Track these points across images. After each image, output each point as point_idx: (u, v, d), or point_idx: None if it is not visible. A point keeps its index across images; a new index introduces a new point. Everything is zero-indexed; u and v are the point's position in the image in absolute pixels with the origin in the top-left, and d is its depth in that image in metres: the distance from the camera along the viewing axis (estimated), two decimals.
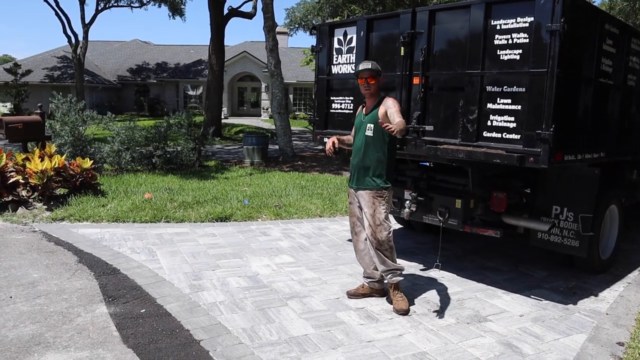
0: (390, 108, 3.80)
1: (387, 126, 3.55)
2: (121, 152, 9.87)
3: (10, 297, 4.00)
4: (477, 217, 4.85)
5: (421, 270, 5.04)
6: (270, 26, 12.79)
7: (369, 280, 4.24)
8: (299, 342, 3.39)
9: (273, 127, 26.98)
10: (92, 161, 7.60)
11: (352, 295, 4.23)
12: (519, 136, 3.92)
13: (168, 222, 6.64)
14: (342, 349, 3.32)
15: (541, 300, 4.29)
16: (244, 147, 13.06)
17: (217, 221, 6.82)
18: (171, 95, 35.19)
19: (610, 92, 4.65)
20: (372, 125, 3.87)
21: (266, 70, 34.65)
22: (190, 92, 36.20)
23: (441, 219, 4.69)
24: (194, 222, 6.72)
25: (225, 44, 18.63)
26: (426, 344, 3.42)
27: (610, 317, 3.97)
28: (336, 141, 4.11)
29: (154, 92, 35.23)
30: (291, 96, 37.49)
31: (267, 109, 34.92)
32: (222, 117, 23.05)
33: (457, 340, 3.49)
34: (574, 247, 4.61)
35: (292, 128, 16.03)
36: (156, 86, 35.63)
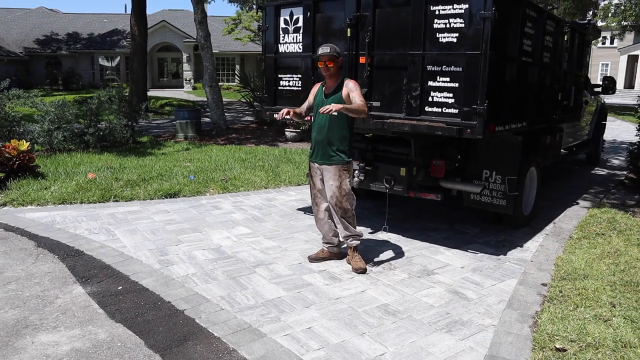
0: (352, 91, 4.16)
1: (327, 109, 3.93)
2: (52, 132, 9.52)
3: None
4: (418, 183, 5.38)
5: (370, 233, 5.53)
6: None
7: (329, 245, 4.66)
8: (275, 304, 3.75)
9: (198, 99, 26.56)
10: (28, 143, 7.35)
11: (314, 259, 4.63)
12: (457, 110, 4.43)
13: (117, 201, 6.66)
14: (315, 306, 3.72)
15: (477, 254, 4.92)
16: (177, 121, 12.91)
17: (167, 198, 6.93)
18: (86, 68, 33.28)
19: (530, 69, 5.28)
20: None
21: (187, 40, 33.82)
22: (106, 64, 34.41)
23: (387, 186, 5.16)
24: (144, 199, 6.79)
25: (149, 12, 17.89)
26: (386, 297, 3.90)
27: (534, 263, 4.66)
28: (291, 112, 4.42)
29: (67, 65, 33.12)
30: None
31: (189, 80, 34.04)
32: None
33: (412, 292, 4.01)
34: (502, 206, 5.28)
35: None
36: (69, 58, 33.48)
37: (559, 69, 6.15)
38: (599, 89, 9.24)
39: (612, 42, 40.44)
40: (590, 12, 25.06)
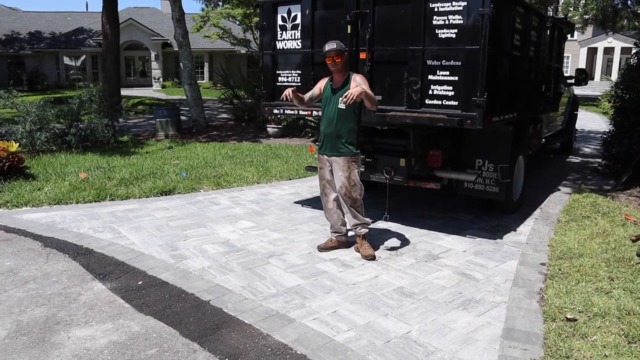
0: (360, 85, 4.34)
1: (348, 96, 4.13)
2: (34, 133, 9.36)
3: None
4: (415, 173, 5.60)
5: (371, 222, 5.72)
6: None
7: (337, 234, 4.83)
8: (296, 292, 3.91)
9: (169, 97, 26.27)
10: (17, 144, 7.26)
11: (323, 248, 4.80)
12: (457, 102, 4.66)
13: (113, 200, 6.67)
14: (335, 292, 3.90)
15: (475, 238, 5.19)
16: (157, 120, 12.83)
17: (162, 195, 6.96)
18: (51, 67, 32.44)
19: (520, 62, 5.56)
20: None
21: (155, 37, 33.36)
22: (71, 63, 33.62)
23: (387, 176, 5.37)
24: (140, 197, 6.81)
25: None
26: (400, 281, 4.11)
27: (530, 245, 4.95)
28: (295, 92, 4.53)
29: (31, 65, 32.21)
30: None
31: (158, 79, 33.60)
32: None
33: (422, 275, 4.23)
34: (495, 193, 5.56)
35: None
36: (32, 58, 32.56)
37: (542, 62, 6.48)
38: (572, 81, 9.68)
39: (572, 36, 41.86)
40: (552, 7, 25.93)
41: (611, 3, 20.73)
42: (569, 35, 9.00)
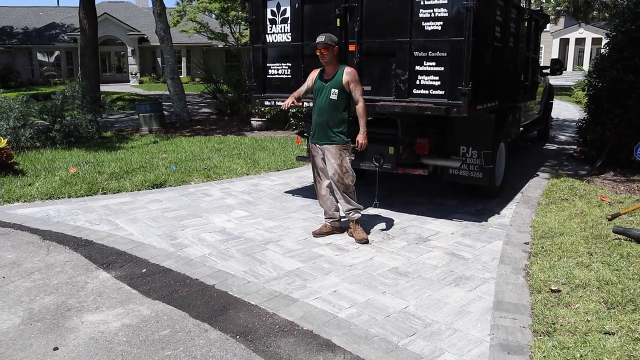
0: (353, 82, 4.55)
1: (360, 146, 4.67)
2: (18, 129, 9.32)
3: (3, 278, 4.11)
4: (403, 160, 5.82)
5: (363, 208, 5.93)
6: None
7: (331, 220, 5.03)
8: (296, 274, 4.09)
9: (148, 92, 26.05)
10: (6, 140, 7.26)
11: (318, 234, 4.99)
12: (443, 92, 4.89)
13: (105, 193, 6.74)
14: (333, 273, 4.09)
15: (461, 221, 5.44)
16: (140, 114, 12.82)
17: (153, 188, 7.06)
18: (24, 64, 31.84)
19: (500, 53, 5.82)
20: (336, 90, 4.57)
21: (131, 32, 32.97)
22: (44, 59, 33.02)
23: (377, 164, 5.57)
24: (131, 191, 6.89)
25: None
26: (394, 262, 4.33)
27: (513, 227, 5.22)
28: (294, 100, 4.78)
29: (3, 61, 31.51)
30: (159, 59, 35.99)
31: (135, 74, 33.26)
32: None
33: (415, 256, 4.45)
34: (479, 178, 5.81)
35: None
36: (4, 54, 31.88)
37: (521, 52, 6.76)
38: (547, 71, 10.03)
39: (545, 27, 42.67)
40: None
41: None
42: (544, 27, 9.33)
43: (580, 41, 40.87)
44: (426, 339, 3.09)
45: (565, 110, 17.47)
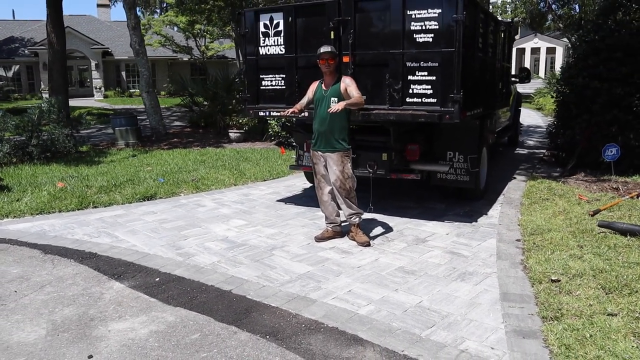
0: (349, 85, 4.76)
1: (335, 109, 4.59)
2: None
3: (15, 292, 4.11)
4: (394, 166, 6.07)
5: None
6: (130, 3, 12.46)
7: (332, 225, 5.21)
8: (308, 277, 4.25)
9: (114, 106, 25.67)
10: None
11: (320, 239, 5.16)
12: (436, 100, 5.17)
13: (96, 207, 6.72)
14: (344, 275, 4.27)
15: (454, 223, 5.71)
16: (115, 128, 12.70)
17: (144, 200, 7.08)
18: None
19: (483, 62, 6.17)
20: (335, 99, 4.77)
21: (95, 46, 32.44)
22: (3, 74, 32.07)
23: (371, 170, 5.80)
24: (123, 204, 6.90)
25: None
26: (399, 262, 4.54)
27: (503, 226, 5.53)
28: (295, 110, 5.02)
29: None
30: (124, 73, 35.52)
31: (100, 88, 32.69)
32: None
33: (417, 256, 4.68)
34: (466, 182, 6.12)
35: (134, 107, 15.70)
36: None
37: (499, 61, 7.15)
38: (516, 79, 10.54)
39: (515, 37, 44.33)
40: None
41: (537, 7, 22.36)
42: (514, 38, 9.84)
43: (535, 50, 42.59)
44: (446, 329, 3.30)
45: (528, 117, 18.24)
